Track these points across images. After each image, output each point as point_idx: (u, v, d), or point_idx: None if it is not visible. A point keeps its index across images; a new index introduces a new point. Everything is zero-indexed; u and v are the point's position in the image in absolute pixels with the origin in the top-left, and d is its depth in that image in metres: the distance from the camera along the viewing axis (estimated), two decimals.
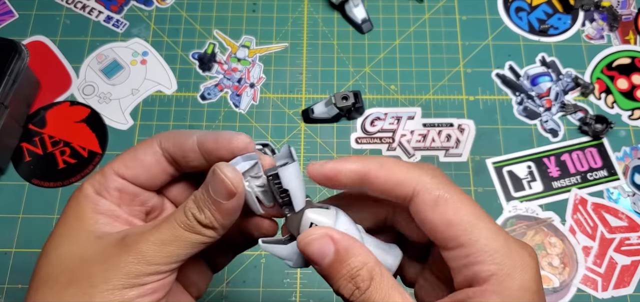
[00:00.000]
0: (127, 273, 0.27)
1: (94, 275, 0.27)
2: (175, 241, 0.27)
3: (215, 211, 0.27)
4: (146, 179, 0.30)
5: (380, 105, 0.58)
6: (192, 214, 0.28)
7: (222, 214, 0.28)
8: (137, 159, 0.30)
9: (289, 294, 0.50)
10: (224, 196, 0.27)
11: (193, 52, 0.60)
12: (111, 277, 0.27)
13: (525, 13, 0.63)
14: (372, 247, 0.29)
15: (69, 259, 0.28)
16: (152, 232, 0.28)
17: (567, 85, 0.59)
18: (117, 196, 0.30)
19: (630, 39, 0.61)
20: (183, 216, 0.28)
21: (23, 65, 0.54)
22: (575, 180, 0.55)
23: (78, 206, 0.29)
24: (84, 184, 0.30)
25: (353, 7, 0.61)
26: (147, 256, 0.27)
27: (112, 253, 0.27)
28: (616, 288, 0.50)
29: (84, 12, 0.62)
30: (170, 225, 0.28)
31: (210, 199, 0.27)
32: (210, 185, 0.27)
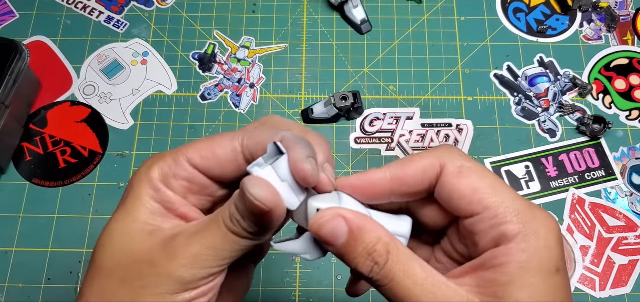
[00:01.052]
0: (176, 280, 0.26)
1: (145, 276, 0.26)
2: (225, 243, 0.27)
3: (255, 223, 0.26)
4: (219, 174, 0.29)
5: (379, 105, 0.58)
6: (237, 221, 0.26)
7: (261, 226, 0.26)
8: (214, 153, 0.29)
9: (289, 294, 0.50)
10: (257, 217, 0.26)
11: (193, 53, 0.61)
12: (161, 282, 0.26)
13: (523, 14, 0.63)
14: (383, 221, 0.28)
15: (121, 256, 0.27)
16: (202, 235, 0.27)
17: (565, 86, 0.59)
18: (185, 186, 0.29)
19: (628, 40, 0.62)
20: (229, 220, 0.27)
21: (24, 65, 0.54)
22: (573, 180, 0.55)
23: (140, 189, 0.28)
24: (154, 166, 0.29)
25: (352, 8, 0.62)
26: (198, 259, 0.26)
27: (162, 254, 0.27)
28: (614, 288, 0.51)
29: (85, 13, 0.63)
30: (218, 227, 0.27)
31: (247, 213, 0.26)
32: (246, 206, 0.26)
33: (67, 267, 0.51)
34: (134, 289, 0.26)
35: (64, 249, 0.52)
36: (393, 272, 0.26)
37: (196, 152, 0.29)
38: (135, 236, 0.28)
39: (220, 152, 0.29)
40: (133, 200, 0.28)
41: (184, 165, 0.29)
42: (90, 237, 0.52)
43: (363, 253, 0.26)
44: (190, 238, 0.27)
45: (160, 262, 0.26)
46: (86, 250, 0.52)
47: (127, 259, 0.27)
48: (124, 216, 0.28)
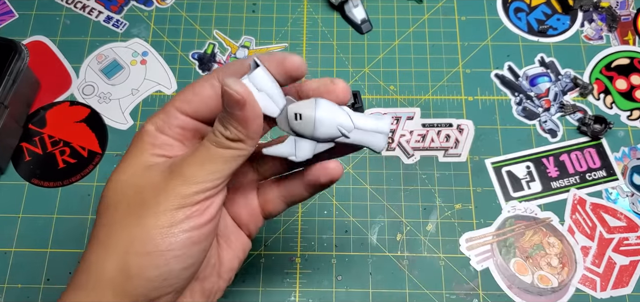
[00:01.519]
0: (175, 195, 0.30)
1: (147, 200, 0.30)
2: (212, 158, 0.30)
3: (236, 123, 0.30)
4: (207, 112, 0.33)
5: (379, 105, 0.58)
6: (219, 132, 0.30)
7: (243, 125, 0.30)
8: (196, 93, 0.32)
9: (289, 294, 0.50)
10: (236, 107, 0.29)
11: (193, 52, 0.61)
12: (161, 201, 0.29)
13: (524, 14, 0.63)
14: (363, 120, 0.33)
15: (126, 188, 0.31)
16: (192, 156, 0.31)
17: (566, 86, 0.59)
18: (179, 132, 0.33)
19: (629, 40, 0.62)
20: (213, 136, 0.31)
21: (23, 65, 0.54)
22: (574, 180, 0.55)
23: (139, 141, 0.32)
24: (147, 123, 0.33)
25: (352, 8, 0.62)
26: (189, 176, 0.30)
27: (161, 179, 0.30)
28: (615, 288, 0.50)
29: (84, 12, 0.62)
30: (204, 146, 0.31)
31: (229, 114, 0.30)
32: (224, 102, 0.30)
33: (67, 267, 0.51)
34: (139, 212, 0.30)
35: (63, 250, 0.51)
36: None
37: (182, 99, 0.33)
38: (137, 172, 0.31)
39: (202, 91, 0.32)
40: (134, 151, 0.32)
41: (174, 114, 0.32)
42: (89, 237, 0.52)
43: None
44: (183, 160, 0.31)
45: (159, 185, 0.30)
46: None
47: (131, 191, 0.31)
48: (128, 161, 0.32)
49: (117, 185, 0.32)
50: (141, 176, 0.31)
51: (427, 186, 0.54)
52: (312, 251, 0.52)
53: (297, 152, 0.32)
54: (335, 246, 0.52)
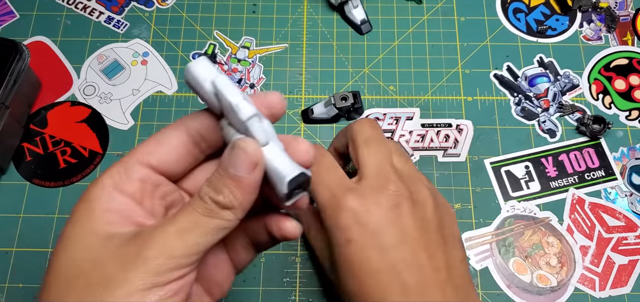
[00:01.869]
0: (147, 271, 0.25)
1: (111, 276, 0.25)
2: (195, 228, 0.26)
3: (235, 188, 0.27)
4: (173, 163, 0.29)
5: (379, 105, 0.58)
6: (210, 197, 0.27)
7: (241, 191, 0.27)
8: (161, 142, 0.29)
9: (289, 293, 0.50)
10: (244, 169, 0.26)
11: (193, 53, 0.61)
12: (130, 278, 0.25)
13: (523, 14, 0.63)
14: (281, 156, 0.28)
15: (82, 263, 0.26)
16: (169, 223, 0.26)
17: (564, 86, 0.59)
18: (138, 187, 0.28)
19: (627, 40, 0.62)
20: (199, 201, 0.27)
21: (24, 65, 0.54)
22: (572, 180, 0.55)
23: (90, 203, 0.27)
24: (102, 177, 0.28)
25: (352, 8, 0.62)
26: (166, 247, 0.25)
27: (128, 251, 0.25)
28: (614, 288, 0.51)
29: (85, 13, 0.63)
30: (187, 212, 0.27)
31: (229, 177, 0.27)
32: (229, 161, 0.27)
33: None
34: (102, 291, 0.25)
35: None
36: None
37: (145, 149, 0.29)
38: (93, 244, 0.26)
39: (168, 140, 0.29)
40: (86, 213, 0.27)
41: (134, 167, 0.28)
42: None
43: None
44: (157, 228, 0.26)
45: (129, 258, 0.25)
46: None
47: (89, 266, 0.26)
48: (79, 230, 0.27)
49: (68, 261, 0.26)
50: (100, 249, 0.26)
51: None
52: None
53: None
54: None
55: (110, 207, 0.27)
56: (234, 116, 0.27)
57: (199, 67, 0.29)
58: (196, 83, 0.29)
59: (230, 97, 0.27)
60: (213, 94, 0.28)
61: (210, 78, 0.28)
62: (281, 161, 0.28)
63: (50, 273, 0.27)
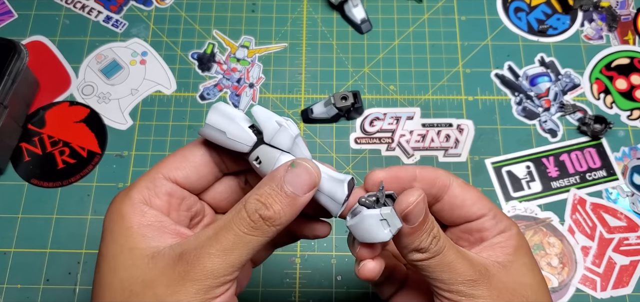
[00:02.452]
0: (196, 292, 0.26)
1: (162, 298, 0.26)
2: (238, 247, 0.27)
3: (287, 205, 0.27)
4: (196, 180, 0.31)
5: (379, 105, 0.58)
6: (259, 213, 0.27)
7: (292, 208, 0.28)
8: (187, 159, 0.31)
9: (289, 294, 0.50)
10: (304, 189, 0.28)
11: (192, 52, 0.60)
12: (181, 299, 0.26)
13: (524, 13, 0.63)
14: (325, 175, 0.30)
15: (132, 284, 0.27)
16: (211, 244, 0.27)
17: (566, 86, 0.59)
18: (166, 200, 0.30)
19: (629, 39, 0.61)
20: (246, 220, 0.27)
21: (22, 65, 0.54)
22: (574, 180, 0.55)
23: (122, 220, 0.29)
24: (131, 192, 0.29)
25: (352, 8, 0.61)
26: (212, 269, 0.27)
27: (175, 273, 0.27)
28: (615, 288, 0.50)
29: (83, 12, 0.62)
30: (231, 232, 0.27)
31: (284, 194, 0.27)
32: (286, 179, 0.27)
33: (66, 268, 0.51)
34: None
35: (63, 250, 0.51)
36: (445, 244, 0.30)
37: (171, 165, 0.30)
38: (139, 263, 0.28)
39: (193, 158, 0.31)
40: (123, 231, 0.28)
41: (162, 181, 0.30)
42: (88, 237, 0.52)
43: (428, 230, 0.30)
44: (201, 249, 0.27)
45: (177, 280, 0.27)
46: (85, 251, 0.51)
47: (139, 286, 0.27)
48: (120, 249, 0.28)
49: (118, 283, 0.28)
50: (146, 269, 0.27)
51: None
52: (312, 251, 0.52)
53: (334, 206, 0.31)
54: (335, 246, 0.52)
55: (143, 222, 0.29)
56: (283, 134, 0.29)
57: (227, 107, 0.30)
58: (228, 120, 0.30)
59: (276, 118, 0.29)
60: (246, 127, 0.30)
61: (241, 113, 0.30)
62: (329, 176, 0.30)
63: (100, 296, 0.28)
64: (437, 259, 0.30)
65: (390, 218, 0.29)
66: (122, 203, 0.29)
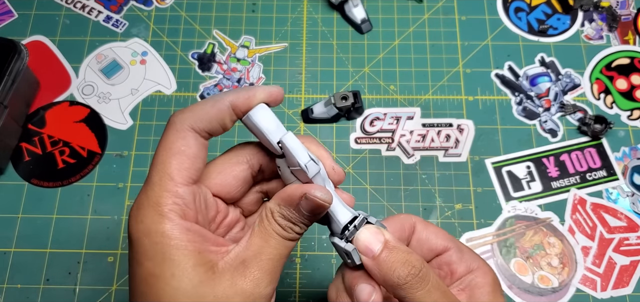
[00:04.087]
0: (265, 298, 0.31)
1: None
2: (286, 252, 0.32)
3: (308, 221, 0.32)
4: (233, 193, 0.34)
5: (379, 105, 0.58)
6: (291, 229, 0.32)
7: (311, 222, 0.32)
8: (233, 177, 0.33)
9: (289, 294, 0.50)
10: (319, 213, 0.32)
11: (192, 52, 0.60)
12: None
13: (524, 13, 0.63)
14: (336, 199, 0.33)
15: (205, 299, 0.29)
16: (267, 251, 0.31)
17: (566, 86, 0.59)
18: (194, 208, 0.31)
19: (629, 40, 0.61)
20: (284, 231, 0.31)
21: (22, 65, 0.54)
22: (574, 180, 0.55)
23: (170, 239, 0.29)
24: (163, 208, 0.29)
25: (352, 7, 0.61)
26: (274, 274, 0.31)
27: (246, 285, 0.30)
28: (615, 288, 0.50)
29: (84, 12, 0.62)
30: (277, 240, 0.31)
31: (302, 215, 0.31)
32: (303, 207, 0.31)
33: (66, 268, 0.51)
34: None
35: (63, 250, 0.51)
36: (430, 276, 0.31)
37: (179, 168, 0.30)
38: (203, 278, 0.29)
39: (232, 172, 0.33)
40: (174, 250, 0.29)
41: (184, 189, 0.30)
42: (88, 237, 0.52)
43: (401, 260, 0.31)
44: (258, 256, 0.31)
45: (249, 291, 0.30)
46: (85, 251, 0.51)
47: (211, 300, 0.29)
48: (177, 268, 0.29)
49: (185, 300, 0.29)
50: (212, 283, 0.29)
51: (427, 186, 0.54)
52: (312, 251, 0.52)
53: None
54: None
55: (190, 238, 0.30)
56: (302, 173, 0.32)
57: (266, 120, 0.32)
58: (259, 132, 0.32)
59: (299, 159, 0.31)
60: (275, 142, 0.32)
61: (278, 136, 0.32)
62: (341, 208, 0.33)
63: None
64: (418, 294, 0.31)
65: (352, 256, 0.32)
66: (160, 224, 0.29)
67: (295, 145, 0.32)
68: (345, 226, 0.32)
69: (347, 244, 0.32)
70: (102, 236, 0.52)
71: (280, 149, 0.32)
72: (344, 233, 0.32)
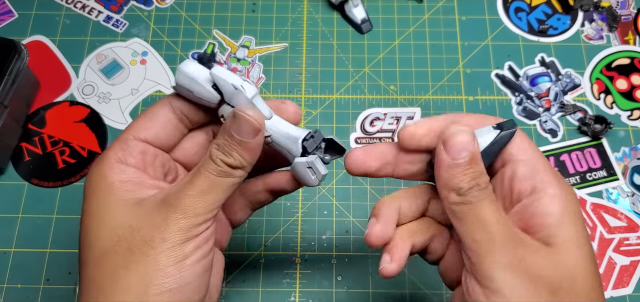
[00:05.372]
0: (180, 229, 0.29)
1: (150, 238, 0.29)
2: (213, 188, 0.30)
3: (242, 150, 0.30)
4: (165, 137, 0.33)
5: (379, 105, 0.58)
6: (221, 160, 0.30)
7: (248, 152, 0.31)
8: (153, 119, 0.33)
9: (289, 294, 0.50)
10: (250, 135, 0.30)
11: (193, 52, 0.60)
12: (166, 238, 0.29)
13: (524, 13, 0.63)
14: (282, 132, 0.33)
15: (120, 230, 0.29)
16: (189, 187, 0.30)
17: (566, 86, 0.59)
18: (140, 159, 0.32)
19: (629, 40, 0.61)
20: (213, 165, 0.30)
21: (23, 65, 0.54)
22: (574, 180, 0.55)
23: (104, 178, 0.31)
24: (107, 154, 0.32)
25: (352, 7, 0.61)
26: (192, 208, 0.29)
27: (159, 215, 0.29)
28: (615, 288, 0.50)
29: (84, 12, 0.62)
30: (204, 176, 0.30)
31: (235, 141, 0.30)
32: (233, 129, 0.30)
33: (66, 267, 0.51)
34: (144, 253, 0.29)
35: (63, 250, 0.51)
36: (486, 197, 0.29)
37: (139, 126, 0.33)
38: (124, 211, 0.30)
39: (158, 117, 0.33)
40: (104, 188, 0.31)
41: (133, 142, 0.32)
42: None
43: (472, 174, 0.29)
44: (180, 192, 0.30)
45: (159, 222, 0.29)
46: None
47: (127, 230, 0.29)
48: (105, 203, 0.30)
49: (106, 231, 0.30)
50: (132, 215, 0.30)
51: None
52: (312, 251, 0.52)
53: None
54: (335, 246, 0.52)
55: (124, 178, 0.31)
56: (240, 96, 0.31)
57: (191, 66, 0.32)
58: (191, 80, 0.31)
59: (232, 80, 0.31)
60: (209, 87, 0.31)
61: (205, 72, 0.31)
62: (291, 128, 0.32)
63: (88, 248, 0.30)
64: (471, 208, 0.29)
65: (315, 166, 0.31)
66: (101, 165, 0.31)
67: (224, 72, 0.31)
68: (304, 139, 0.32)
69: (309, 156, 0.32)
70: None
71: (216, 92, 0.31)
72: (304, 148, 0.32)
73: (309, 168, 0.32)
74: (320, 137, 0.33)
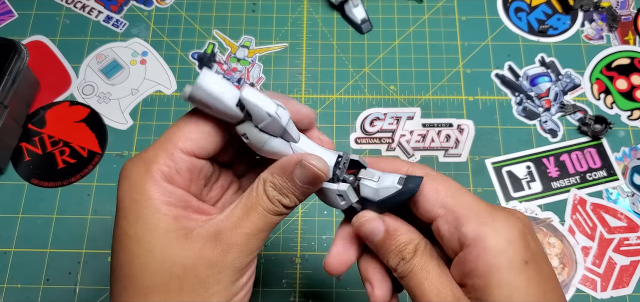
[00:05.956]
0: (234, 270, 0.29)
1: (205, 279, 0.28)
2: (266, 225, 0.30)
3: (300, 194, 0.30)
4: (212, 149, 0.30)
5: (379, 105, 0.58)
6: (279, 202, 0.30)
7: (304, 195, 0.31)
8: (198, 128, 0.30)
9: (288, 294, 0.50)
10: (315, 185, 0.30)
11: (193, 52, 0.60)
12: (221, 279, 0.29)
13: (524, 13, 0.63)
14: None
15: (173, 267, 0.28)
16: (245, 225, 0.29)
17: (566, 86, 0.59)
18: (188, 177, 0.30)
19: (629, 40, 0.61)
20: (270, 204, 0.30)
21: (23, 65, 0.54)
22: (574, 180, 0.55)
23: (148, 198, 0.28)
24: (150, 167, 0.29)
25: (352, 8, 0.61)
26: (247, 247, 0.29)
27: (213, 252, 0.29)
28: (615, 288, 0.50)
29: (84, 12, 0.62)
30: (259, 214, 0.30)
31: (297, 186, 0.30)
32: (297, 176, 0.30)
33: (66, 267, 0.51)
34: (197, 294, 0.28)
35: (63, 250, 0.51)
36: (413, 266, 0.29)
37: (184, 137, 0.29)
38: (175, 244, 0.28)
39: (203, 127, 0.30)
40: (150, 210, 0.28)
41: (180, 157, 0.29)
42: (89, 237, 0.52)
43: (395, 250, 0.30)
44: (235, 229, 0.29)
45: (217, 260, 0.28)
46: (85, 251, 0.51)
47: (179, 269, 0.28)
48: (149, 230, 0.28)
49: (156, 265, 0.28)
50: (185, 252, 0.28)
51: None
52: (312, 251, 0.52)
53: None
54: None
55: (170, 201, 0.29)
56: (274, 123, 0.29)
57: (215, 83, 0.28)
58: (215, 99, 0.28)
59: (267, 109, 0.29)
60: (234, 106, 0.28)
61: (232, 92, 0.28)
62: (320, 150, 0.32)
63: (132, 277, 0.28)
64: (410, 280, 0.30)
65: (347, 195, 0.31)
66: (144, 180, 0.28)
67: (257, 96, 0.28)
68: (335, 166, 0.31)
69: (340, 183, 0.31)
70: (102, 236, 0.52)
71: (241, 111, 0.29)
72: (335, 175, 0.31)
73: (339, 195, 0.31)
74: (347, 160, 0.32)
